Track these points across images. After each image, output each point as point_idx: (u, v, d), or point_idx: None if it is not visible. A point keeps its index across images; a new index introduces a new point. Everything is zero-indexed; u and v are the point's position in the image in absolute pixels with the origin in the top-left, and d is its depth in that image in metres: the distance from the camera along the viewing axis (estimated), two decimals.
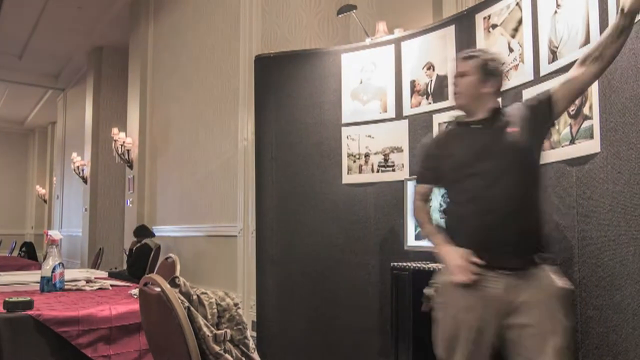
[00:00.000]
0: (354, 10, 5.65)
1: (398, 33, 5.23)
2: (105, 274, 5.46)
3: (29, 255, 13.79)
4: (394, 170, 5.06)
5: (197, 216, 8.45)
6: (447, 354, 2.94)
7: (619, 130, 2.92)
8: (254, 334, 5.51)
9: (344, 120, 5.35)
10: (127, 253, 9.45)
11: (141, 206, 10.47)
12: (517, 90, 3.99)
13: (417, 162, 3.69)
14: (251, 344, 2.43)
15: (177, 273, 4.32)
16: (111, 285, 4.15)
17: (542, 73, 3.76)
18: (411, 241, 4.70)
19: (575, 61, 3.33)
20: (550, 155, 3.59)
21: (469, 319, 2.82)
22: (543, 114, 2.87)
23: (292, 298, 5.41)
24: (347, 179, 5.30)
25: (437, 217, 3.20)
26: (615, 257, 2.96)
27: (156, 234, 9.36)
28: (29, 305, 3.03)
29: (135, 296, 3.43)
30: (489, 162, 2.85)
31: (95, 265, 10.17)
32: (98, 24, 12.30)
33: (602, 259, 3.10)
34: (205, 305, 2.35)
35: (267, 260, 5.53)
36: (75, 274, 4.84)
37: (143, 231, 9.19)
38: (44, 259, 3.91)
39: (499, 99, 3.13)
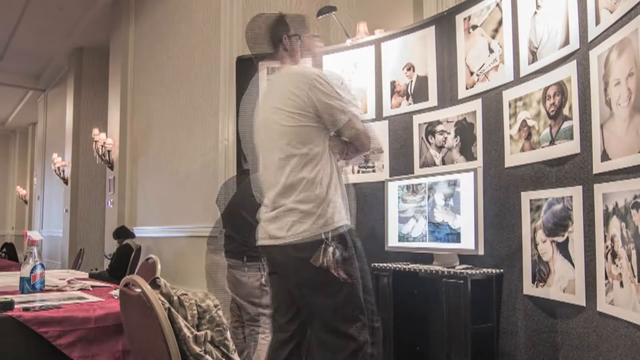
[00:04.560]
0: (335, 12, 5.65)
1: (378, 34, 5.24)
2: (85, 275, 5.44)
3: (10, 256, 13.74)
4: (374, 171, 5.07)
5: (177, 217, 8.43)
6: None
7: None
8: None
9: None
10: (109, 257, 9.42)
11: (122, 207, 10.44)
12: (498, 90, 4.01)
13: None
14: (231, 345, 2.43)
15: (158, 274, 4.32)
16: (92, 286, 4.14)
17: (522, 74, 3.78)
18: (392, 242, 4.71)
19: (556, 61, 3.38)
20: (529, 156, 3.61)
21: None
22: None
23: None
24: None
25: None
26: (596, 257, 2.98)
27: (137, 235, 9.34)
28: (9, 305, 3.01)
29: (116, 297, 3.42)
30: None
31: (75, 266, 10.13)
32: (79, 25, 12.25)
33: None
34: (186, 306, 2.35)
35: None
36: (55, 275, 4.82)
37: (123, 232, 9.18)
38: (24, 259, 3.89)
39: None
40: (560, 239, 3.32)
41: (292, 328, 3.26)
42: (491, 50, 4.12)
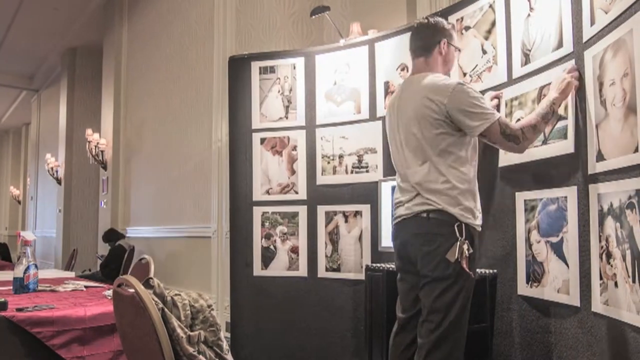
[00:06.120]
0: (328, 12, 5.64)
1: (372, 34, 5.23)
2: (72, 275, 5.43)
3: (3, 256, 13.72)
4: (367, 172, 5.05)
5: (171, 217, 8.43)
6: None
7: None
8: (228, 335, 5.49)
9: (318, 121, 5.34)
10: (101, 258, 9.42)
11: (115, 207, 10.44)
12: (491, 91, 4.00)
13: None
14: (225, 345, 2.43)
15: (151, 274, 4.31)
16: (85, 287, 4.14)
17: (514, 75, 3.77)
18: (385, 242, 4.70)
19: (548, 65, 3.37)
20: (522, 156, 3.61)
21: None
22: None
23: (266, 299, 5.40)
24: (321, 180, 5.29)
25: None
26: (591, 257, 2.98)
27: (130, 235, 9.33)
28: (3, 306, 3.01)
29: (110, 297, 3.41)
30: None
31: (69, 266, 10.12)
32: (72, 25, 12.25)
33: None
34: (179, 306, 2.35)
35: (241, 261, 5.51)
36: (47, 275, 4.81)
37: (114, 235, 9.18)
38: (18, 260, 3.88)
39: None
40: (554, 239, 3.31)
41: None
42: (484, 52, 4.10)
